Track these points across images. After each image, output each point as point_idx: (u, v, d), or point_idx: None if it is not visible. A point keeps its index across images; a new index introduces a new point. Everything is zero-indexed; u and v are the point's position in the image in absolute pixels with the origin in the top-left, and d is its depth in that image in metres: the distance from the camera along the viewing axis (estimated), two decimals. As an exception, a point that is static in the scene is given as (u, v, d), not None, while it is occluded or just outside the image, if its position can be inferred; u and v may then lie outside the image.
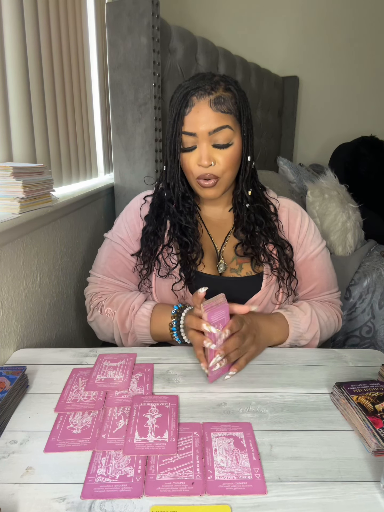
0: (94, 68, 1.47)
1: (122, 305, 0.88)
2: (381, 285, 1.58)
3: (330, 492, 0.51)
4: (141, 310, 0.87)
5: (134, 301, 0.88)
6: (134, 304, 0.87)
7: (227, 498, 0.50)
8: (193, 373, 0.76)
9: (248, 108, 0.83)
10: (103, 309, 0.90)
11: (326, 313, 0.93)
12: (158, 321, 0.86)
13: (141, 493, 0.50)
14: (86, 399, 0.68)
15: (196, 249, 0.87)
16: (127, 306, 0.88)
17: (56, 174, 1.19)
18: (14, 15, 0.94)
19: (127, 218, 0.95)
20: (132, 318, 0.87)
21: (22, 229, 0.88)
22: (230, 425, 0.62)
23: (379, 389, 0.65)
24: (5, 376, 0.68)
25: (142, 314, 0.86)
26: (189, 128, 0.79)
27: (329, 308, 0.96)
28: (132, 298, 0.89)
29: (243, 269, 0.89)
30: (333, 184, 1.86)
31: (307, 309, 0.89)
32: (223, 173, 0.82)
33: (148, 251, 0.89)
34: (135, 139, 1.36)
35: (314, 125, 2.89)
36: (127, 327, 0.87)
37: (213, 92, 0.78)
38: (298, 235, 0.93)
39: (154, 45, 1.27)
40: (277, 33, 2.72)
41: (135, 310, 0.87)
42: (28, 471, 0.54)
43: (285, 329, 0.86)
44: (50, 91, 1.13)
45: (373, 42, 2.60)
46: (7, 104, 0.95)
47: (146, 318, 0.86)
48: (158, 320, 0.86)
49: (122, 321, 0.87)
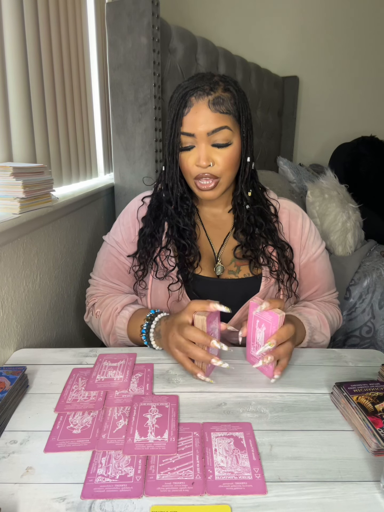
0: (94, 68, 1.47)
1: (108, 307, 0.89)
2: (381, 285, 1.58)
3: (330, 492, 0.51)
4: (123, 312, 0.88)
5: (119, 303, 0.89)
6: (117, 306, 0.88)
7: (227, 498, 0.50)
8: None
9: (247, 108, 0.83)
10: (94, 310, 0.92)
11: (330, 312, 0.94)
12: (133, 324, 0.85)
13: (141, 493, 0.50)
14: (86, 399, 0.68)
15: (194, 251, 0.86)
16: (111, 307, 0.89)
17: (56, 174, 1.19)
18: (14, 15, 0.94)
19: (123, 221, 0.95)
20: (114, 319, 0.88)
21: (22, 229, 0.88)
22: (230, 425, 0.62)
23: (379, 389, 0.65)
24: (5, 376, 0.68)
25: (122, 315, 0.87)
26: (187, 129, 0.79)
27: (331, 307, 0.97)
28: (117, 299, 0.90)
29: (241, 271, 0.89)
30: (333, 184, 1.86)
31: (313, 309, 0.91)
32: (222, 173, 0.82)
33: (145, 252, 0.89)
34: (135, 139, 1.36)
35: (314, 125, 2.89)
36: (108, 328, 0.89)
37: (212, 92, 0.78)
38: (300, 237, 0.93)
39: (154, 45, 1.27)
40: (277, 33, 2.72)
41: (117, 311, 0.88)
42: (28, 471, 0.54)
43: (302, 328, 0.86)
44: (50, 91, 1.13)
45: (373, 42, 2.60)
46: (7, 104, 0.95)
47: (125, 320, 0.86)
48: (133, 323, 0.85)
49: (105, 321, 0.89)
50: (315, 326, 0.88)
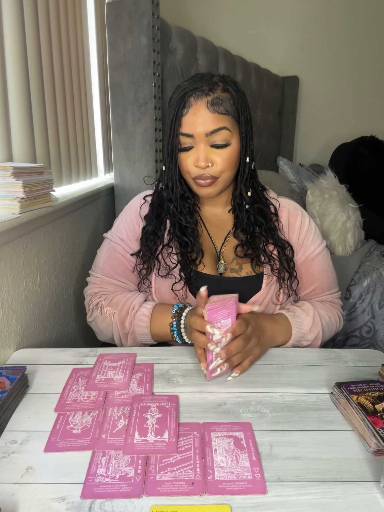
0: (94, 68, 1.47)
1: (122, 305, 0.88)
2: (381, 285, 1.58)
3: (330, 492, 0.51)
4: (141, 309, 0.87)
5: (134, 300, 0.88)
6: (135, 304, 0.87)
7: (227, 498, 0.50)
8: (193, 373, 0.76)
9: (247, 109, 0.83)
10: (103, 309, 0.90)
11: (328, 314, 0.93)
12: (158, 321, 0.85)
13: (141, 493, 0.50)
14: (86, 399, 0.68)
15: (196, 249, 0.87)
16: (127, 305, 0.88)
17: (56, 174, 1.19)
18: (14, 15, 0.94)
19: (126, 218, 0.95)
20: (132, 317, 0.87)
21: (22, 229, 0.88)
22: (230, 425, 0.62)
23: (379, 389, 0.65)
24: (5, 376, 0.68)
25: (142, 313, 0.86)
26: (186, 130, 0.79)
27: (330, 308, 0.96)
28: (132, 297, 0.89)
29: (243, 269, 0.89)
30: (333, 184, 1.86)
31: (310, 310, 0.89)
32: (221, 173, 0.82)
33: (148, 250, 0.89)
34: (135, 139, 1.36)
35: (314, 125, 2.89)
36: (126, 326, 0.87)
37: (211, 93, 0.78)
38: (298, 235, 0.93)
39: (154, 45, 1.27)
40: (277, 33, 2.72)
41: (135, 309, 0.87)
42: (28, 471, 0.54)
43: (288, 330, 0.86)
44: (50, 91, 1.13)
45: (373, 42, 2.60)
46: (7, 104, 0.95)
47: (146, 317, 0.86)
48: (158, 320, 0.86)
49: (122, 320, 0.87)
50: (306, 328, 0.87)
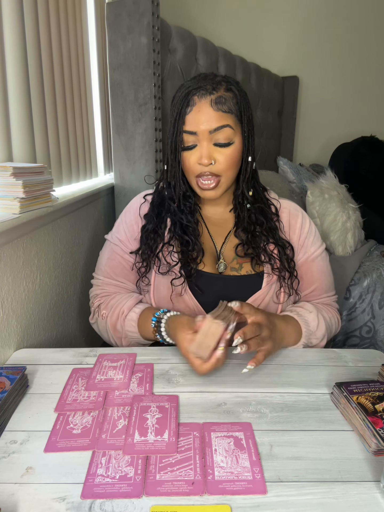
0: (94, 68, 1.47)
1: (114, 309, 0.89)
2: (381, 285, 1.58)
3: (330, 492, 0.51)
4: (130, 314, 0.87)
5: (125, 305, 0.89)
6: (124, 309, 0.88)
7: (227, 498, 0.50)
8: (193, 373, 0.75)
9: (249, 108, 0.83)
10: (100, 311, 0.92)
11: (328, 314, 0.94)
12: (144, 327, 0.86)
13: (141, 493, 0.50)
14: (86, 399, 0.68)
15: (197, 248, 0.87)
16: (117, 310, 0.89)
17: (56, 174, 1.19)
18: (14, 15, 0.94)
19: (126, 219, 0.95)
20: (122, 322, 0.88)
21: (22, 229, 0.88)
22: (230, 425, 0.62)
23: (379, 389, 0.65)
24: (5, 376, 0.68)
25: (131, 318, 0.87)
26: (190, 127, 0.80)
27: (329, 309, 0.96)
28: (123, 301, 0.90)
29: (243, 268, 0.90)
30: (333, 184, 1.86)
31: (312, 309, 0.90)
32: (223, 172, 0.82)
33: (148, 248, 0.89)
34: (135, 139, 1.36)
35: (314, 125, 2.88)
36: (119, 330, 0.89)
37: (215, 92, 0.78)
38: (299, 236, 0.94)
39: (154, 45, 1.27)
40: (277, 33, 2.72)
41: (125, 314, 0.88)
42: (28, 471, 0.54)
43: (298, 328, 0.85)
44: (50, 91, 1.13)
45: (373, 42, 2.60)
46: (7, 104, 0.95)
47: (134, 323, 0.87)
48: (144, 326, 0.86)
49: (113, 325, 0.89)
50: (313, 325, 0.87)
